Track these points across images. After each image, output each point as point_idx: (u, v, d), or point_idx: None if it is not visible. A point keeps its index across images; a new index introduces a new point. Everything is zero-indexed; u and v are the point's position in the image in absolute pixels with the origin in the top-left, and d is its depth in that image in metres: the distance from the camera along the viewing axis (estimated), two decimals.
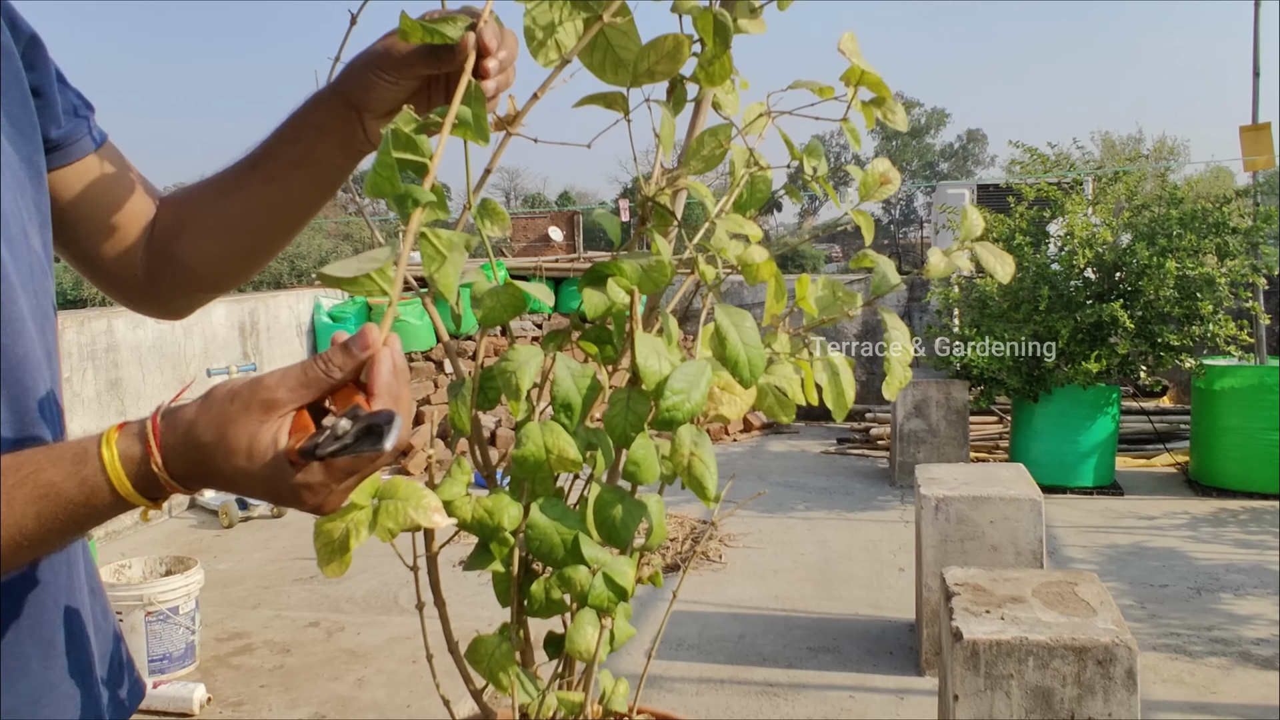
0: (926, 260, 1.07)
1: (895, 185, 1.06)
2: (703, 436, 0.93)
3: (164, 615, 3.62)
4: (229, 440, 0.68)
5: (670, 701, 3.40)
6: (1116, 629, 2.19)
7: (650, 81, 0.94)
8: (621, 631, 0.98)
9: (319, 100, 0.93)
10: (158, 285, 1.01)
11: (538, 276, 8.82)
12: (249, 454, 0.68)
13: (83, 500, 0.69)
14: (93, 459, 0.69)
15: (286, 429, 0.69)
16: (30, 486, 0.68)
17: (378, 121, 0.92)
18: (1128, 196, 6.60)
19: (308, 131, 0.94)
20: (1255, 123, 6.38)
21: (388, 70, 0.87)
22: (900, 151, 52.06)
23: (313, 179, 0.97)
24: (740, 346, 0.92)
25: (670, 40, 0.92)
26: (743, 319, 0.93)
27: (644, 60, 0.93)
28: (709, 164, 0.98)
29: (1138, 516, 5.67)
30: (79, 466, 0.69)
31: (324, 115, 0.93)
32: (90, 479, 0.69)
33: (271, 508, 6.01)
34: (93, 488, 0.69)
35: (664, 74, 0.94)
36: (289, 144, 0.95)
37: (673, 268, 0.93)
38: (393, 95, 0.89)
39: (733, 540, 5.26)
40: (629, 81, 0.93)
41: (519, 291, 0.89)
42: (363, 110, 0.91)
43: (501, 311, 0.89)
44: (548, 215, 25.61)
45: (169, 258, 0.99)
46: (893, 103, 1.05)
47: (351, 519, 0.81)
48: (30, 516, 0.68)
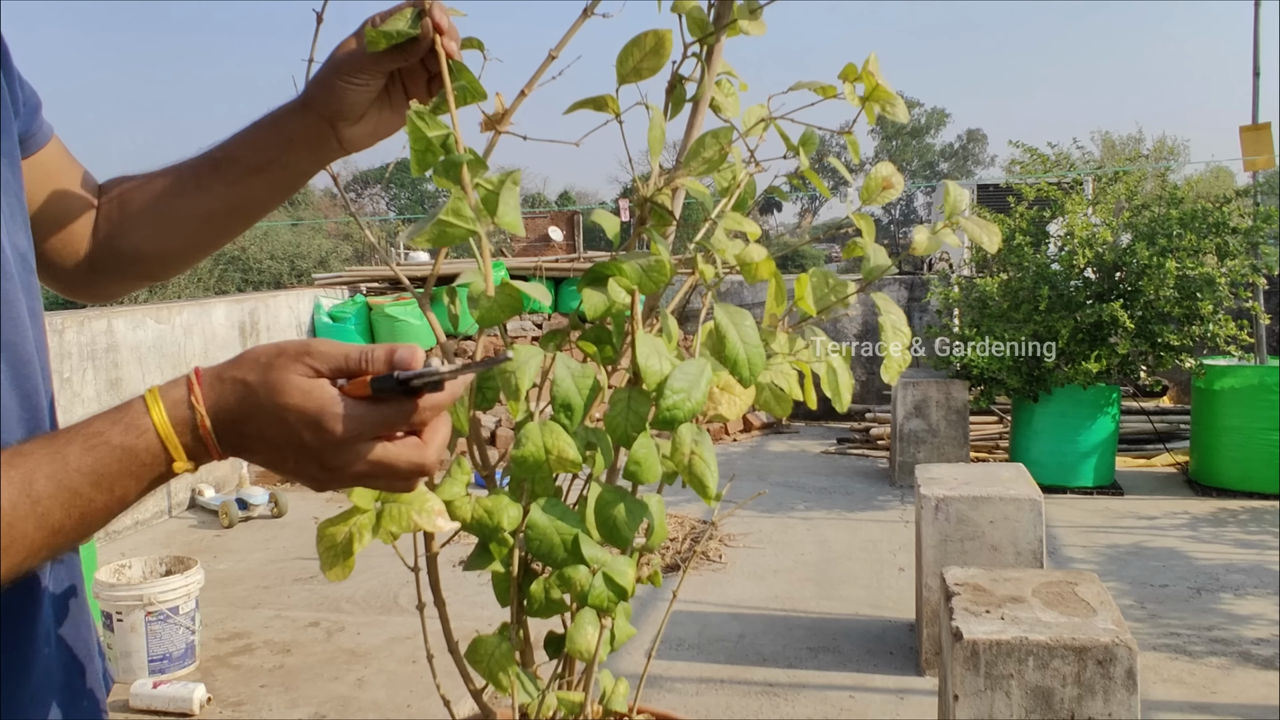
0: (930, 260, 1.07)
1: (898, 190, 1.07)
2: (703, 435, 0.93)
3: (164, 615, 3.62)
4: (275, 379, 0.67)
5: (670, 701, 3.40)
6: (1116, 629, 2.19)
7: (638, 80, 0.95)
8: (621, 631, 0.98)
9: (288, 112, 0.95)
10: (98, 273, 1.02)
11: (538, 276, 8.82)
12: (303, 391, 0.66)
13: (129, 446, 0.67)
14: (135, 405, 0.68)
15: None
16: (81, 439, 0.67)
17: (351, 127, 0.94)
18: (1128, 196, 6.60)
19: (276, 140, 0.96)
20: (1255, 123, 6.38)
21: (356, 74, 0.89)
22: (900, 151, 52.04)
23: (277, 182, 0.98)
24: (740, 345, 0.92)
25: (651, 37, 0.93)
26: (742, 318, 0.93)
27: (629, 59, 0.93)
28: (711, 166, 0.98)
29: (1138, 516, 5.66)
30: (121, 414, 0.68)
31: (294, 127, 0.94)
32: (135, 422, 0.68)
33: (272, 507, 6.00)
34: (139, 430, 0.67)
35: (650, 71, 0.94)
36: (255, 151, 0.96)
37: (672, 267, 0.93)
38: (364, 97, 0.91)
39: (733, 540, 5.26)
40: (618, 81, 0.94)
41: (516, 292, 0.89)
42: (336, 120, 0.93)
43: (499, 312, 0.90)
44: (548, 215, 25.58)
45: (114, 249, 1.00)
46: (892, 97, 1.05)
47: (355, 522, 0.81)
48: (84, 468, 0.66)
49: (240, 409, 0.68)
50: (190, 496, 6.35)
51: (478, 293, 0.89)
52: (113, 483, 0.67)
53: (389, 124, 0.97)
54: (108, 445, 0.67)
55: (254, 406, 0.67)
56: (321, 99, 0.92)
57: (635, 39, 0.93)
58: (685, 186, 0.97)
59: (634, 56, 0.93)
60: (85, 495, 0.66)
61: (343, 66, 0.90)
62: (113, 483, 0.67)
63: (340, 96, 0.91)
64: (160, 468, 0.68)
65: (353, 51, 0.89)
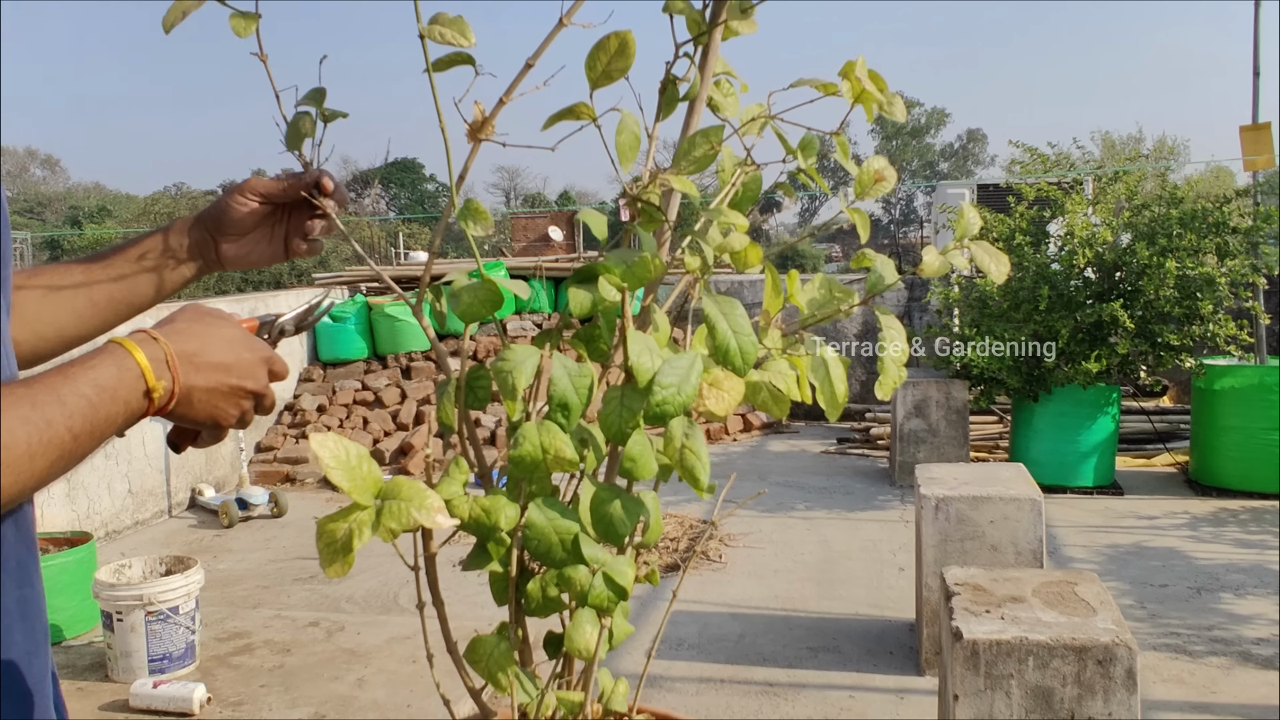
0: (922, 259, 1.07)
1: (891, 183, 1.06)
2: (694, 428, 0.93)
3: (164, 615, 3.62)
4: (209, 315, 0.93)
5: (670, 701, 3.40)
6: (1116, 629, 2.19)
7: (609, 83, 0.96)
8: (620, 630, 0.98)
9: (181, 223, 1.12)
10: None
11: (538, 276, 8.82)
12: (232, 322, 0.94)
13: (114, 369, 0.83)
14: (112, 344, 0.85)
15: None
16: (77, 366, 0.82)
17: (230, 245, 1.11)
18: (1128, 196, 6.59)
19: (166, 246, 1.11)
20: (1255, 123, 6.38)
21: (247, 194, 1.09)
22: (900, 151, 52.04)
23: (158, 284, 1.11)
24: (729, 335, 0.92)
25: (614, 39, 0.94)
26: (732, 307, 0.93)
27: (596, 63, 0.94)
28: (700, 165, 0.98)
29: (1138, 516, 5.66)
30: (99, 354, 0.84)
31: (184, 236, 1.11)
32: (113, 350, 0.84)
33: (272, 507, 6.01)
34: (118, 357, 0.84)
35: (619, 73, 0.95)
36: (146, 254, 1.10)
37: (661, 264, 0.93)
38: (248, 219, 1.09)
39: (733, 540, 5.26)
40: (590, 86, 0.94)
41: (495, 287, 0.91)
42: (218, 234, 1.11)
43: (479, 307, 0.91)
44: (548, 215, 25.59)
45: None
46: (890, 95, 1.05)
47: (354, 519, 0.81)
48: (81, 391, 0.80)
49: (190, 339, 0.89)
50: (190, 496, 6.36)
51: (459, 289, 0.91)
52: (114, 394, 0.81)
53: (261, 252, 1.14)
54: (102, 368, 0.83)
55: (200, 335, 0.90)
56: (213, 214, 1.10)
57: (599, 43, 0.94)
58: (674, 185, 0.97)
59: (600, 60, 0.94)
60: (94, 404, 0.80)
61: (238, 187, 1.09)
62: (114, 394, 0.81)
63: (227, 212, 1.09)
64: (140, 388, 0.84)
65: (246, 184, 1.09)
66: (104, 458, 5.64)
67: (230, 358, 0.91)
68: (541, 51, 0.91)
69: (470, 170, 0.98)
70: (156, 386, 0.84)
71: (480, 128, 0.94)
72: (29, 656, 0.87)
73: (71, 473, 5.61)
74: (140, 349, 0.84)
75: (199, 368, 0.88)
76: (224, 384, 0.90)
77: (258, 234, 1.12)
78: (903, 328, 1.08)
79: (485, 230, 0.95)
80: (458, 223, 0.95)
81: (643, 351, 0.90)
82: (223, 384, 0.90)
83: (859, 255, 1.07)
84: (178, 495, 6.27)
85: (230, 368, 0.90)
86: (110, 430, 0.82)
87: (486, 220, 0.96)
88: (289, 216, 1.12)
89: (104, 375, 0.81)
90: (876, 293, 1.03)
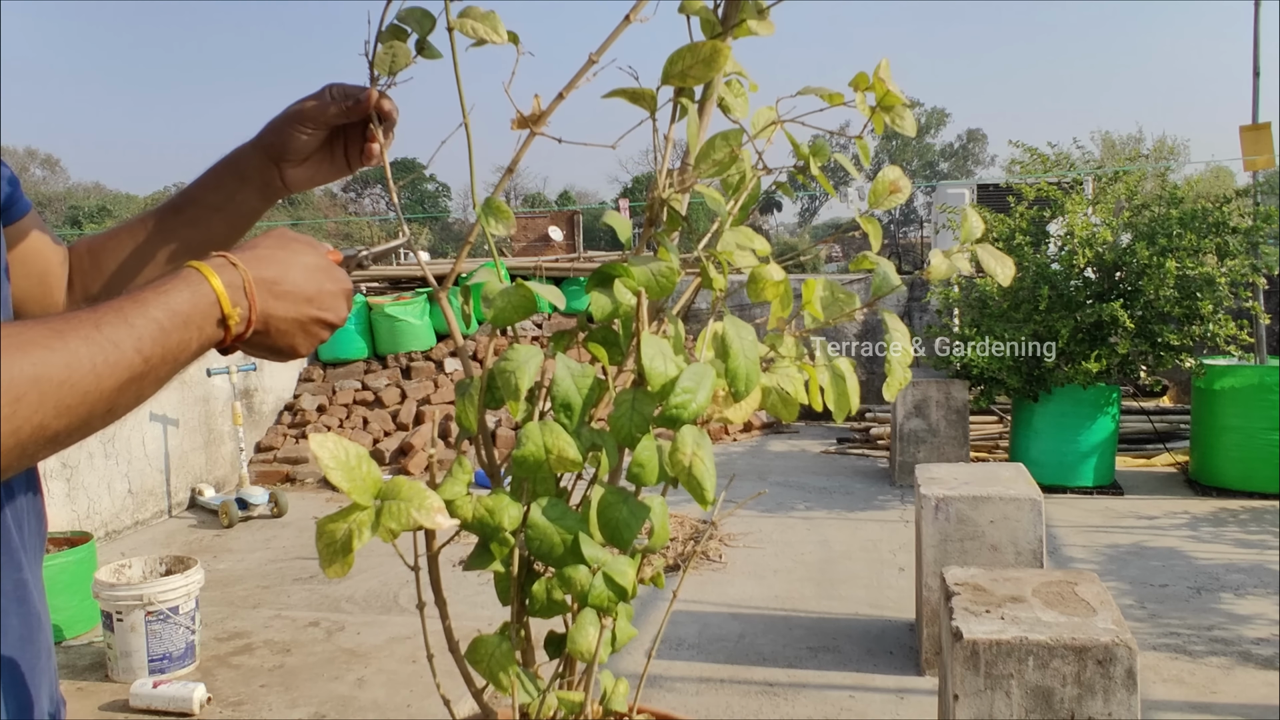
0: (928, 262, 1.07)
1: (905, 194, 1.07)
2: (704, 438, 0.93)
3: (164, 615, 3.62)
4: (295, 242, 0.88)
5: (670, 701, 3.40)
6: (1116, 629, 2.19)
7: (681, 84, 0.96)
8: (623, 632, 0.98)
9: (241, 154, 1.10)
10: None
11: (538, 276, 8.82)
12: (318, 249, 0.89)
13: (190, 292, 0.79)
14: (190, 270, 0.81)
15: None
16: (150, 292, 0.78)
17: (294, 169, 1.10)
18: (1128, 196, 6.59)
19: (230, 180, 1.10)
20: (1255, 123, 6.38)
21: (306, 124, 1.06)
22: (900, 151, 52.02)
23: (231, 221, 1.11)
24: (742, 360, 0.93)
25: (709, 47, 0.94)
26: (747, 332, 0.94)
27: (679, 62, 0.94)
28: (721, 168, 0.98)
29: (1138, 516, 5.66)
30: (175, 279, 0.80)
31: (246, 166, 1.10)
32: (189, 275, 0.80)
33: (272, 507, 6.00)
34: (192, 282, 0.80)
35: (696, 79, 0.95)
36: (212, 191, 1.10)
37: (679, 272, 0.93)
38: (309, 145, 1.08)
39: (733, 540, 5.26)
40: (661, 80, 0.94)
41: (529, 292, 0.91)
42: (281, 161, 1.09)
43: (513, 312, 0.91)
44: (547, 215, 25.60)
45: (89, 298, 1.10)
46: (901, 109, 1.05)
47: (354, 519, 0.81)
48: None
49: (274, 270, 0.85)
50: (190, 496, 6.36)
51: (493, 293, 0.90)
52: (186, 320, 0.78)
53: (325, 173, 1.13)
54: (175, 293, 0.79)
55: (287, 265, 0.86)
56: (273, 142, 1.08)
57: (691, 46, 0.95)
58: (698, 190, 0.98)
59: (685, 60, 0.94)
60: (165, 328, 0.77)
61: (296, 116, 1.07)
62: (186, 320, 0.78)
63: (289, 141, 1.07)
64: (215, 315, 0.80)
65: (306, 105, 1.06)
66: (104, 457, 5.64)
67: (312, 288, 0.87)
68: (606, 47, 0.91)
69: (475, 170, 0.98)
70: (232, 314, 0.80)
71: (537, 120, 0.95)
72: (23, 643, 0.86)
73: (71, 473, 5.59)
74: (217, 274, 0.80)
75: (278, 296, 0.84)
76: (304, 314, 0.86)
77: (319, 154, 1.11)
78: (906, 330, 1.08)
79: (508, 229, 0.95)
80: (469, 221, 0.95)
81: (655, 356, 0.90)
82: (303, 314, 0.86)
83: (860, 257, 1.07)
84: (178, 495, 6.26)
85: (312, 298, 0.87)
86: (185, 356, 0.79)
87: (509, 218, 0.96)
88: (346, 131, 1.11)
89: (177, 300, 0.78)
90: (881, 295, 1.03)
